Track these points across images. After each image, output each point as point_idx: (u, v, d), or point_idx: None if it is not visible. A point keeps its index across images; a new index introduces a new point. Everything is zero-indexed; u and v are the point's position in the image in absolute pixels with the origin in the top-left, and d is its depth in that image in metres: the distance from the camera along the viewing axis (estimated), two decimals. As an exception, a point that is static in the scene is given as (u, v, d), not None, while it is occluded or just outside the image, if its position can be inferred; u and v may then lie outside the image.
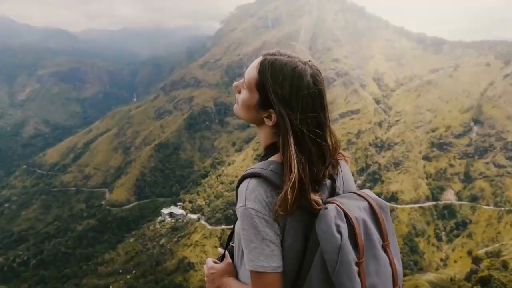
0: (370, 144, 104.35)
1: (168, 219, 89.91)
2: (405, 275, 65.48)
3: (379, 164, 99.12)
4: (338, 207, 1.78)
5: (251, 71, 1.95)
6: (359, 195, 1.97)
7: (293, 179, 1.75)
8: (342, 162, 2.15)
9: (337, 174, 2.06)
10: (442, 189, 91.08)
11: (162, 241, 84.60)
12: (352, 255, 1.69)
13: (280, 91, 1.82)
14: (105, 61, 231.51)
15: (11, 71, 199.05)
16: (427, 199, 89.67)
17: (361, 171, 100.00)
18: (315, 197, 1.83)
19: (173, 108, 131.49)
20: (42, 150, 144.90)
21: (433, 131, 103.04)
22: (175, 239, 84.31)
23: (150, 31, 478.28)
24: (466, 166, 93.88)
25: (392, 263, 1.87)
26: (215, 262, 2.25)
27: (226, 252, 2.22)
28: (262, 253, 1.76)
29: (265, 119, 1.94)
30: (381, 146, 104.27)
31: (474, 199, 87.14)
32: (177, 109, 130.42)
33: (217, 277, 2.15)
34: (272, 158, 1.95)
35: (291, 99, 1.81)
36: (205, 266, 2.27)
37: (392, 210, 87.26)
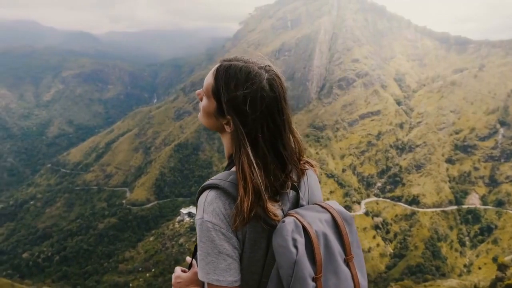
0: (390, 146, 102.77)
1: (187, 218, 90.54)
2: (426, 280, 64.35)
3: (400, 167, 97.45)
4: (296, 220, 1.73)
5: (208, 78, 1.92)
6: (322, 207, 1.91)
7: (247, 188, 1.71)
8: (309, 172, 2.06)
9: (301, 184, 1.98)
10: (466, 193, 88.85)
11: (181, 240, 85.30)
12: (308, 270, 1.65)
13: (233, 96, 1.78)
14: (126, 63, 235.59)
15: (37, 73, 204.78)
16: (450, 203, 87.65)
17: (381, 174, 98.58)
18: (273, 208, 1.77)
19: (192, 109, 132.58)
20: (66, 149, 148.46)
21: (457, 133, 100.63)
22: (194, 239, 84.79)
23: (170, 33, 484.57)
24: (492, 169, 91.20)
25: (355, 277, 1.83)
26: (183, 271, 2.18)
27: (194, 261, 2.11)
28: (218, 267, 1.73)
29: (225, 126, 1.89)
30: (402, 148, 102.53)
31: (500, 203, 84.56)
32: (196, 110, 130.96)
33: (183, 286, 2.10)
34: (234, 168, 1.87)
35: (245, 104, 1.75)
36: (173, 274, 2.20)
37: (413, 213, 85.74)
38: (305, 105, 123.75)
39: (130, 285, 73.36)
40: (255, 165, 1.76)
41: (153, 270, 77.67)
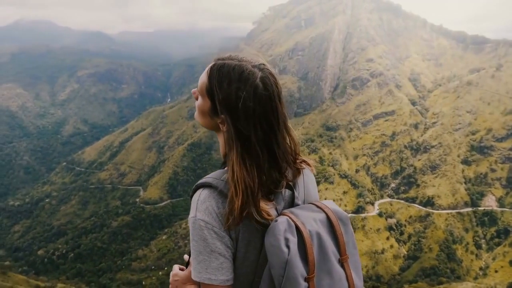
0: (405, 147, 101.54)
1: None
2: (441, 283, 63.36)
3: (415, 168, 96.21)
4: (289, 219, 1.73)
5: (202, 77, 1.92)
6: (318, 206, 1.90)
7: (238, 188, 1.71)
8: (306, 171, 2.05)
9: (296, 183, 1.98)
10: (482, 195, 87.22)
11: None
12: (300, 270, 1.65)
13: (225, 95, 1.78)
14: (140, 63, 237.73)
15: (52, 72, 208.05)
16: (466, 204, 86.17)
17: (395, 174, 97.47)
18: (266, 207, 1.78)
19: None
20: (81, 148, 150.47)
21: (473, 133, 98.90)
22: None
23: (184, 32, 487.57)
24: (509, 171, 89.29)
25: (350, 277, 1.81)
26: (181, 269, 2.17)
27: (191, 259, 2.06)
28: (210, 266, 1.73)
29: (220, 125, 1.89)
30: (417, 148, 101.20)
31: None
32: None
33: (180, 284, 2.09)
34: None
35: (237, 103, 1.75)
36: (171, 272, 2.20)
37: (428, 215, 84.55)
38: (319, 105, 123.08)
39: (143, 283, 73.93)
40: (247, 164, 1.75)
41: (165, 268, 78.06)
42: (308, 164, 2.08)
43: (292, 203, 1.92)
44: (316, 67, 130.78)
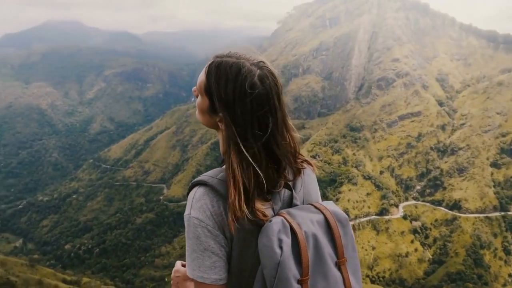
0: (431, 148, 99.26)
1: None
2: (467, 289, 61.48)
3: (441, 170, 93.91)
4: (284, 220, 1.69)
5: (201, 75, 1.89)
6: (316, 207, 1.85)
7: (234, 186, 1.69)
8: (307, 171, 2.01)
9: (296, 183, 1.94)
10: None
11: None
12: (293, 272, 1.60)
13: (223, 93, 1.75)
14: (165, 62, 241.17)
15: (81, 72, 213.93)
16: (495, 209, 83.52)
17: (421, 176, 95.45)
18: (262, 207, 1.74)
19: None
20: (107, 146, 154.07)
21: (503, 136, 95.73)
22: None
23: (209, 32, 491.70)
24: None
25: (347, 281, 1.76)
26: (183, 266, 2.13)
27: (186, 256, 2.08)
28: (202, 264, 1.72)
29: (219, 124, 1.85)
30: (444, 150, 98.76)
31: (550, 211, 79.77)
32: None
33: (181, 281, 2.09)
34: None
35: (234, 102, 1.72)
36: (173, 268, 2.20)
37: (454, 219, 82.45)
38: (343, 105, 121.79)
39: (166, 279, 74.97)
40: (244, 163, 1.72)
41: (188, 266, 78.87)
42: (310, 164, 2.03)
43: (290, 204, 1.88)
44: (340, 67, 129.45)
